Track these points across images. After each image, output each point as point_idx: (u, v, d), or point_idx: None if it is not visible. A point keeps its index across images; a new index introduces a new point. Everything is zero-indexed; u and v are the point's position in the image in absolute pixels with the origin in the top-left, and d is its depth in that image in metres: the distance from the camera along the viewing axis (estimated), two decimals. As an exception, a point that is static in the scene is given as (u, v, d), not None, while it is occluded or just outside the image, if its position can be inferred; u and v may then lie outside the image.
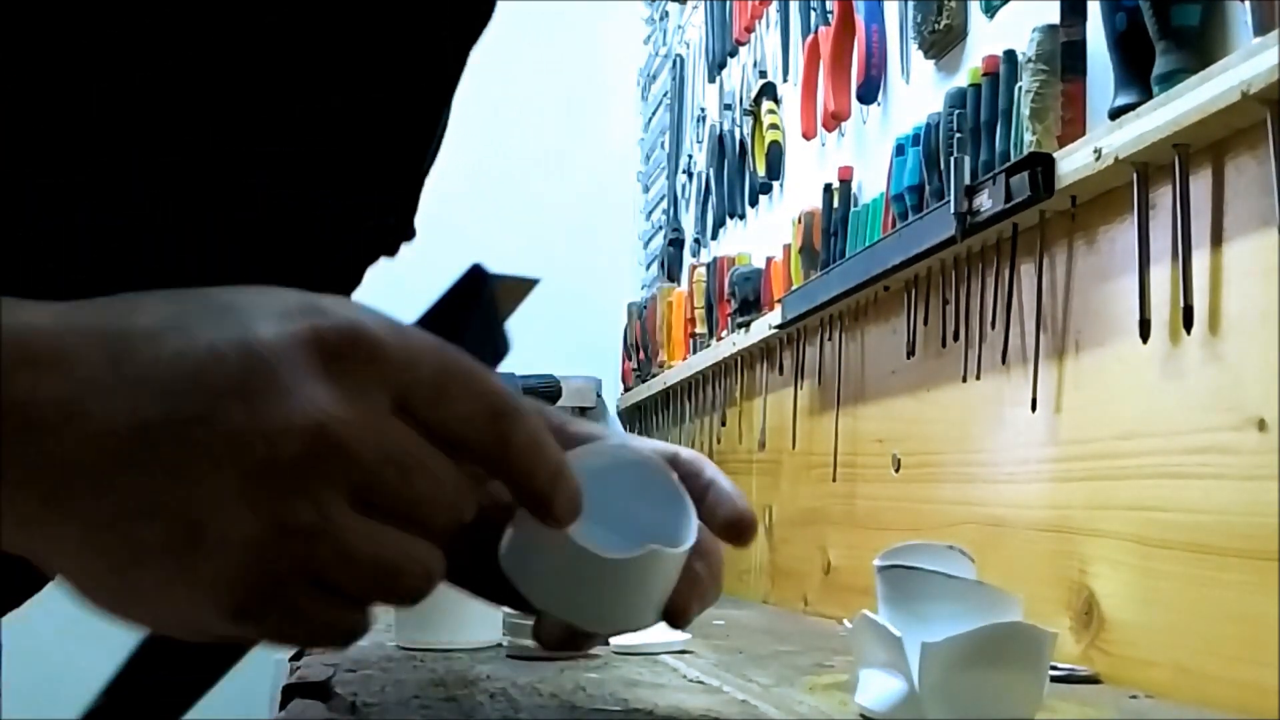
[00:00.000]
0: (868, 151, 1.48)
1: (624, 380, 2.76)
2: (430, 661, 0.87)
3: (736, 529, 0.57)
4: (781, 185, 1.82)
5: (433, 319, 0.43)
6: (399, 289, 0.68)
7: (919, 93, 1.33)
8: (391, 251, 0.65)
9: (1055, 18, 1.01)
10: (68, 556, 0.36)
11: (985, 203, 1.05)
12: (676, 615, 0.56)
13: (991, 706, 0.62)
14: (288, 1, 0.52)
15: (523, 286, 0.46)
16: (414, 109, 0.62)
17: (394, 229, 0.64)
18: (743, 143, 1.97)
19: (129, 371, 0.35)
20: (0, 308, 0.35)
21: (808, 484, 1.57)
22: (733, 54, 2.10)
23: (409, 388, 0.38)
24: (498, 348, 0.45)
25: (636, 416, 2.60)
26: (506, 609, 0.73)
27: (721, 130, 2.09)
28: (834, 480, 1.49)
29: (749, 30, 1.97)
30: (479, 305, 0.44)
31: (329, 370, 0.37)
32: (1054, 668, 0.84)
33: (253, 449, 0.35)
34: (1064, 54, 0.99)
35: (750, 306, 1.81)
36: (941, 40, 1.26)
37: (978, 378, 1.14)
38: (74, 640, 2.87)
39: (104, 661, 0.44)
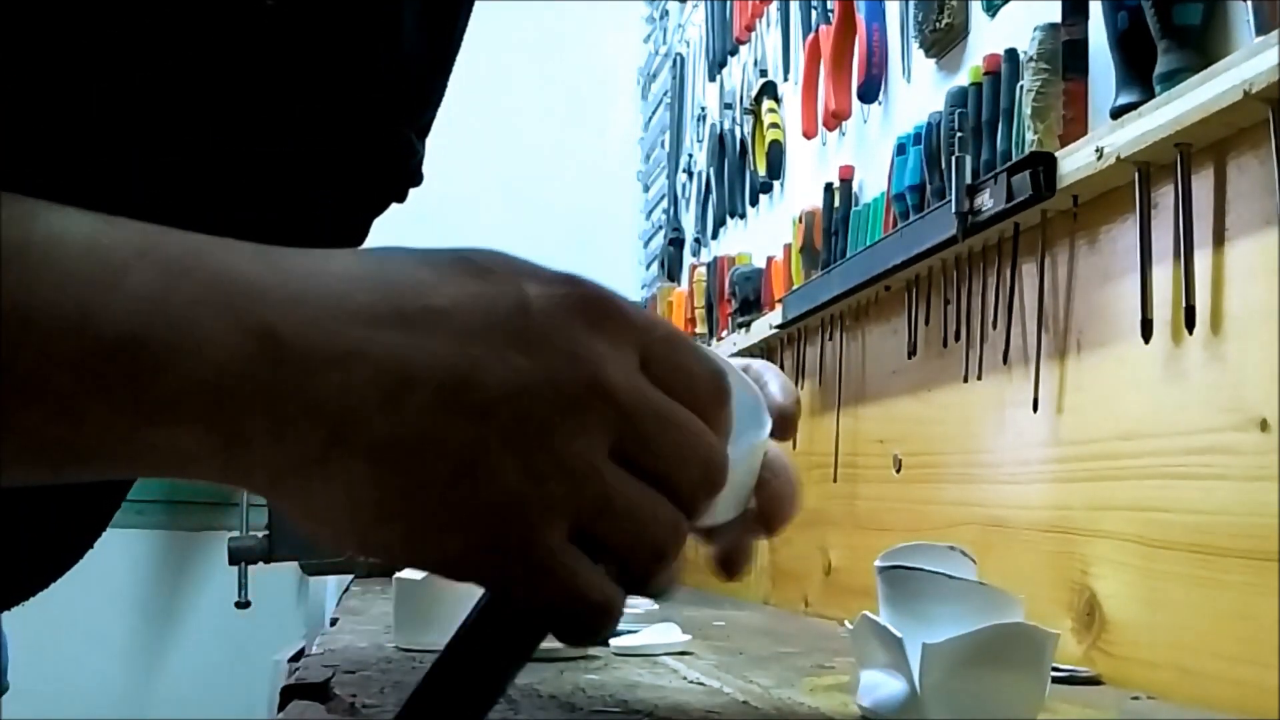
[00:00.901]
0: (869, 151, 1.48)
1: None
2: (429, 663, 0.87)
3: (778, 424, 0.58)
4: (782, 184, 1.82)
5: None
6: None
7: (920, 92, 1.33)
8: (401, 198, 0.66)
9: (1057, 16, 1.00)
10: (347, 492, 0.37)
11: (987, 202, 1.05)
12: (770, 519, 0.58)
13: (993, 707, 0.62)
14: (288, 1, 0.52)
15: None
16: (417, 94, 0.63)
17: (402, 177, 0.65)
18: (743, 142, 1.97)
19: (410, 313, 0.37)
20: (278, 255, 0.37)
21: (808, 484, 1.56)
22: (733, 53, 2.10)
23: (650, 347, 0.40)
24: None
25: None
26: None
27: (722, 129, 2.09)
28: (835, 481, 1.49)
29: (749, 29, 1.97)
30: None
31: (592, 329, 0.39)
32: (1056, 669, 0.84)
33: (531, 391, 0.37)
34: (1066, 53, 0.99)
35: (750, 306, 1.80)
36: (943, 39, 1.26)
37: (979, 378, 1.14)
38: (74, 640, 2.87)
39: (104, 662, 0.44)
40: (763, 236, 1.87)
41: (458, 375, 0.37)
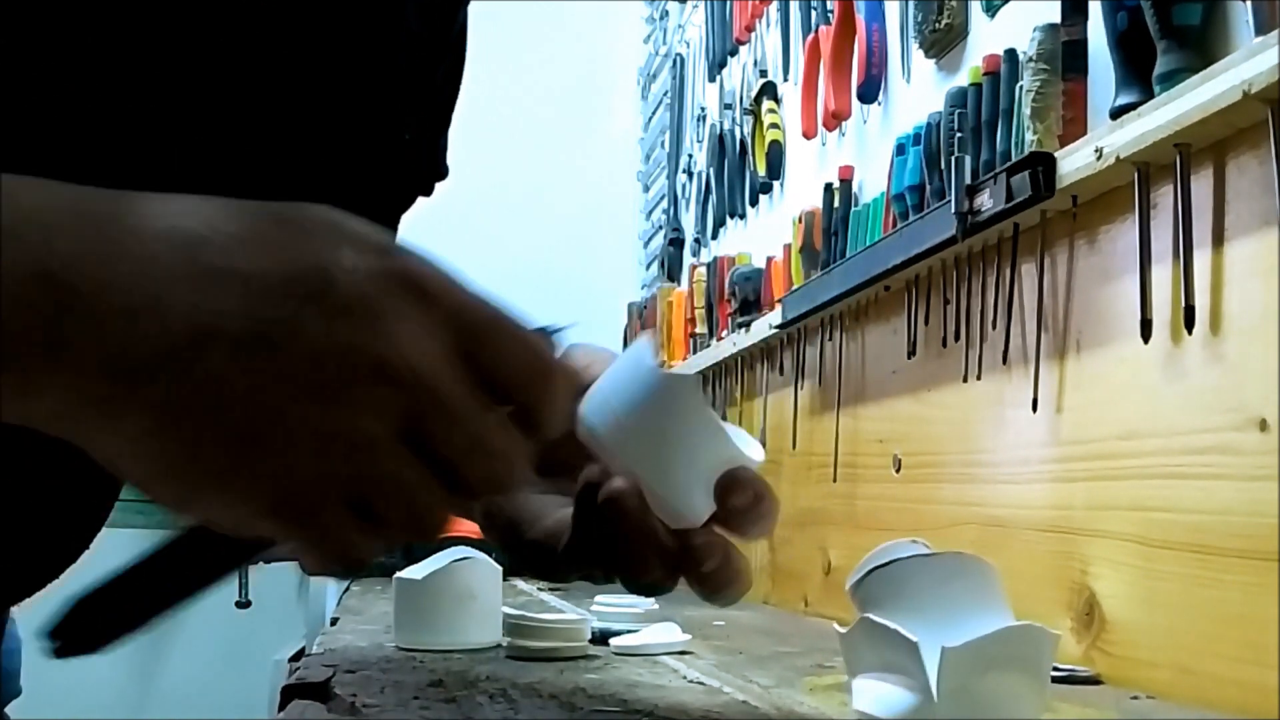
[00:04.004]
0: (868, 151, 1.48)
1: (624, 380, 2.75)
2: (430, 662, 0.87)
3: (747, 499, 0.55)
4: (782, 185, 1.82)
5: None
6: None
7: (920, 92, 1.33)
8: (427, 192, 0.66)
9: (1056, 17, 1.00)
10: (131, 442, 0.37)
11: (986, 202, 1.05)
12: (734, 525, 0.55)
13: (999, 708, 0.62)
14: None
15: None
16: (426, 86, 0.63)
17: (426, 172, 0.65)
18: (743, 142, 1.97)
19: (210, 271, 0.36)
20: (81, 198, 0.36)
21: (808, 484, 1.56)
22: (733, 53, 2.10)
23: (469, 328, 0.40)
24: None
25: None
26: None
27: (722, 130, 2.09)
28: (834, 481, 1.49)
29: (749, 29, 1.97)
30: None
31: (400, 306, 0.38)
32: (1055, 669, 0.84)
33: (323, 362, 0.37)
34: (1065, 53, 0.99)
35: (750, 306, 1.80)
36: (942, 39, 1.26)
37: (979, 378, 1.14)
38: (74, 640, 2.87)
39: (104, 662, 0.44)
40: (762, 236, 1.87)
41: (250, 336, 0.36)
